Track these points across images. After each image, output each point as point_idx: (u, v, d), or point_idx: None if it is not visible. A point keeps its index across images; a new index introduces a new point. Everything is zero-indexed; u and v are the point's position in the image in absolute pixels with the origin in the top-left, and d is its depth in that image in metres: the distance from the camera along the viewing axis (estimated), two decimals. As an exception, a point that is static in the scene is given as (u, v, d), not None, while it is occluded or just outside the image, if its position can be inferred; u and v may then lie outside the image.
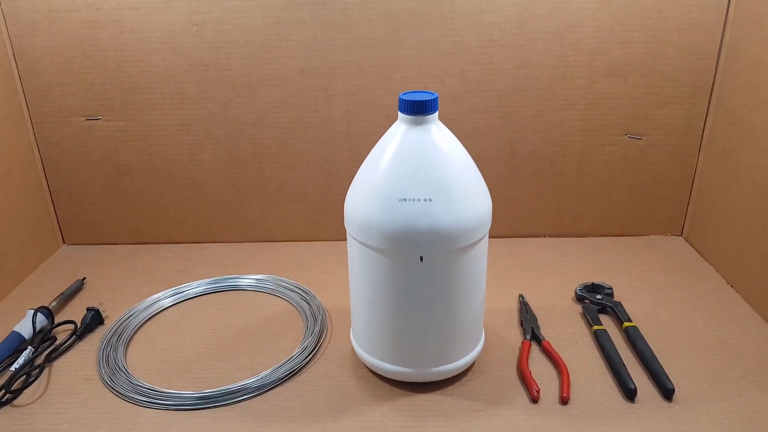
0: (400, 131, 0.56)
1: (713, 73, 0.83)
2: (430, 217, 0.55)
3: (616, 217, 0.93)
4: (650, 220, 0.94)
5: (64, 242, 0.95)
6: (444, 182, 0.55)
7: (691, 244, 0.92)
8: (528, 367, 0.65)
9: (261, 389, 0.62)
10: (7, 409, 0.61)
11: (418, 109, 0.55)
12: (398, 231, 0.55)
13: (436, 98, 0.56)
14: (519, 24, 0.80)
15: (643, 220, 0.93)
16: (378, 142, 0.58)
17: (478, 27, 0.80)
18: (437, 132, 0.56)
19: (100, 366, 0.66)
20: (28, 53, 0.82)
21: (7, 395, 0.61)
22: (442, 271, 0.57)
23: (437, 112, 0.56)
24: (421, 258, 0.56)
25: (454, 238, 0.56)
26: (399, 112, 0.56)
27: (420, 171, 0.55)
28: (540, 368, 0.66)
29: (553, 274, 0.84)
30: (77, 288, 0.81)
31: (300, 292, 0.79)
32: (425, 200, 0.55)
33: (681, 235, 0.94)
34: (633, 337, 0.69)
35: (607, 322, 0.73)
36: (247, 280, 0.82)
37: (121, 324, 0.73)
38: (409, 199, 0.55)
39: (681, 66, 0.83)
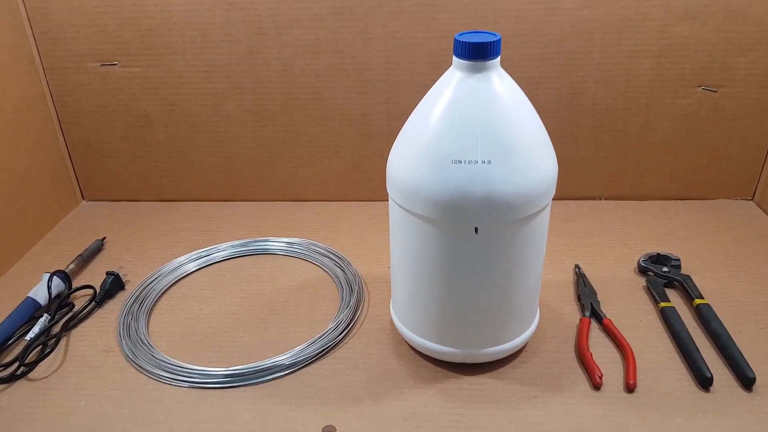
0: (454, 79, 0.48)
1: (807, 14, 0.72)
2: (488, 183, 0.47)
3: (680, 179, 0.84)
4: (719, 183, 0.84)
5: (83, 198, 0.89)
6: (506, 142, 0.47)
7: (763, 210, 0.83)
8: (588, 348, 0.58)
9: (293, 367, 0.57)
10: (21, 382, 0.57)
11: (478, 52, 0.46)
12: (451, 198, 0.47)
13: (499, 40, 0.47)
14: (585, -44, 0.70)
15: (710, 182, 0.84)
16: (428, 92, 0.50)
17: (537, -40, 0.70)
18: (499, 81, 0.48)
19: (120, 337, 0.61)
20: (36, -9, 0.75)
21: (22, 368, 0.57)
22: (498, 243, 0.50)
23: (499, 57, 0.48)
24: (476, 229, 0.49)
25: (515, 207, 0.48)
26: (454, 57, 0.48)
27: (478, 127, 0.47)
28: (601, 350, 0.59)
29: (611, 241, 0.76)
30: (97, 248, 0.76)
31: (334, 257, 0.73)
32: (483, 162, 0.47)
33: (752, 200, 0.85)
34: (706, 316, 0.62)
35: (675, 298, 0.66)
36: (277, 243, 0.76)
37: (143, 289, 0.67)
38: (465, 161, 0.47)
39: (770, 6, 0.72)
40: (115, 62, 0.78)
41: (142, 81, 0.79)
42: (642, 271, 0.70)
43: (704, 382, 0.54)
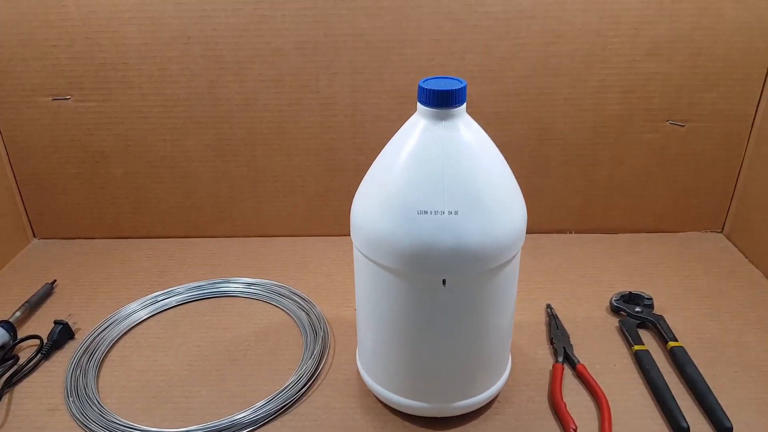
0: (419, 127, 0.46)
1: (772, 51, 0.73)
2: (455, 234, 0.45)
3: (650, 212, 0.83)
4: (688, 216, 0.84)
5: (34, 236, 0.85)
6: (473, 191, 0.45)
7: (732, 243, 0.82)
8: (562, 398, 0.56)
9: (253, 425, 0.53)
10: (-44, 448, 0.52)
11: (443, 100, 0.45)
12: (417, 250, 0.45)
13: (465, 87, 0.46)
14: (552, -8, 0.69)
15: (680, 216, 0.84)
16: (392, 140, 0.48)
17: (504, -5, 0.69)
18: (465, 129, 0.46)
19: (67, 395, 0.57)
20: (-17, 22, 0.71)
21: (-42, 431, 0.53)
22: (467, 295, 0.48)
23: (465, 104, 0.46)
24: (444, 281, 0.46)
25: (484, 259, 0.46)
26: (419, 104, 0.46)
27: (444, 177, 0.45)
28: (575, 398, 0.57)
29: (583, 278, 0.75)
30: (46, 293, 0.71)
31: (298, 299, 0.70)
32: (450, 213, 0.45)
33: (721, 232, 0.85)
34: (680, 361, 0.60)
35: (648, 340, 0.64)
36: (237, 285, 0.73)
37: (94, 339, 0.63)
38: (431, 212, 0.45)
39: (735, 44, 0.72)
40: (68, 96, 0.75)
41: (96, 116, 0.76)
42: (614, 310, 0.68)
43: (680, 432, 0.53)
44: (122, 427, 0.53)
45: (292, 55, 0.72)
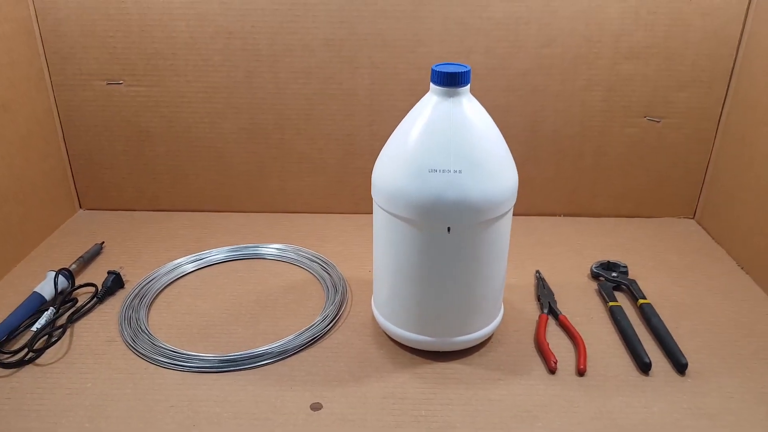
0: (431, 102, 0.57)
1: (734, 58, 0.84)
2: (459, 189, 0.55)
3: (631, 199, 0.94)
4: (664, 203, 0.94)
5: (80, 207, 0.95)
6: (474, 155, 0.56)
7: (703, 227, 0.93)
8: (546, 339, 0.66)
9: (283, 354, 0.63)
10: (30, 367, 0.62)
11: (451, 81, 0.55)
12: (427, 202, 0.56)
13: (469, 71, 0.56)
14: (545, 2, 0.80)
15: (657, 202, 0.94)
16: (409, 113, 0.59)
17: (504, 3, 0.80)
18: (469, 105, 0.57)
19: (122, 328, 0.67)
20: (51, 14, 0.82)
21: (30, 354, 0.62)
22: (468, 242, 0.58)
23: (469, 85, 0.57)
24: (449, 229, 0.57)
25: (483, 210, 0.56)
26: (431, 84, 0.57)
27: (451, 142, 0.55)
28: (557, 341, 0.67)
29: (569, 252, 0.85)
30: (96, 252, 0.81)
31: (320, 262, 0.80)
32: (455, 171, 0.55)
33: (693, 218, 0.95)
34: (647, 314, 0.70)
35: (621, 299, 0.75)
36: (267, 248, 0.83)
37: (142, 288, 0.73)
38: (440, 170, 0.55)
39: (702, 50, 0.83)
40: (121, 81, 0.85)
41: (145, 99, 0.86)
42: (594, 276, 0.79)
43: (644, 367, 0.63)
44: (170, 352, 0.63)
45: (319, 50, 0.83)
